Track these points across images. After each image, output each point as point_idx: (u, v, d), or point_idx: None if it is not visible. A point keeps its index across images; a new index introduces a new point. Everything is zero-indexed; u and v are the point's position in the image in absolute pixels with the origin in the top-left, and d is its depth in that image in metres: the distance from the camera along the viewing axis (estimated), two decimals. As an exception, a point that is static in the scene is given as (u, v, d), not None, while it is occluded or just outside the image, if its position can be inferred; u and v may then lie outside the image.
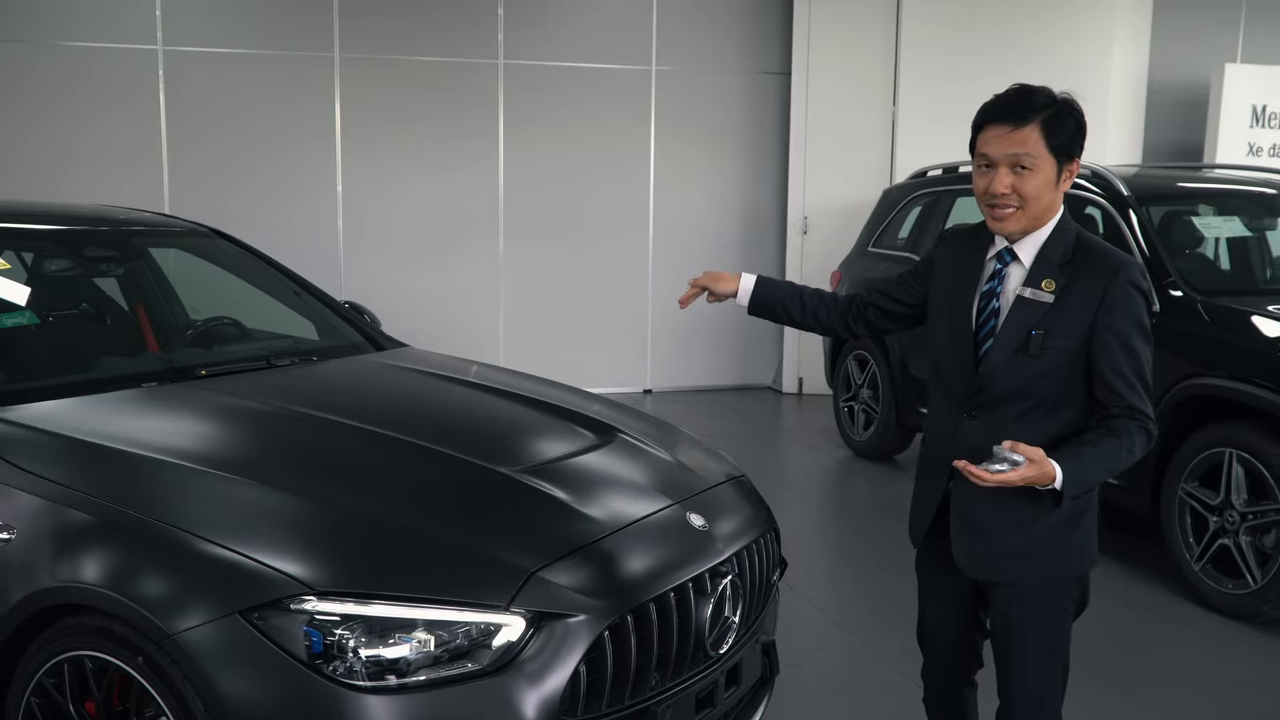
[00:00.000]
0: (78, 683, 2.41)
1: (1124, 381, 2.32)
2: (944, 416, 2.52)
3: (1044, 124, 2.31)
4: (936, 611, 2.69)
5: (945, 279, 2.55)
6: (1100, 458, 2.29)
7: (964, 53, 8.85)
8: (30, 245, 3.84)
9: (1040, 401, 2.37)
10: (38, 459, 2.63)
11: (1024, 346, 2.35)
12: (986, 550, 2.47)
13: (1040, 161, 2.32)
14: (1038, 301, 2.36)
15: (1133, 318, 2.33)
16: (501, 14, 8.52)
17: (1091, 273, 2.34)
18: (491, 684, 2.29)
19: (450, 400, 3.42)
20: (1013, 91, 2.37)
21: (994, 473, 2.22)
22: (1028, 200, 2.34)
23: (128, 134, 7.92)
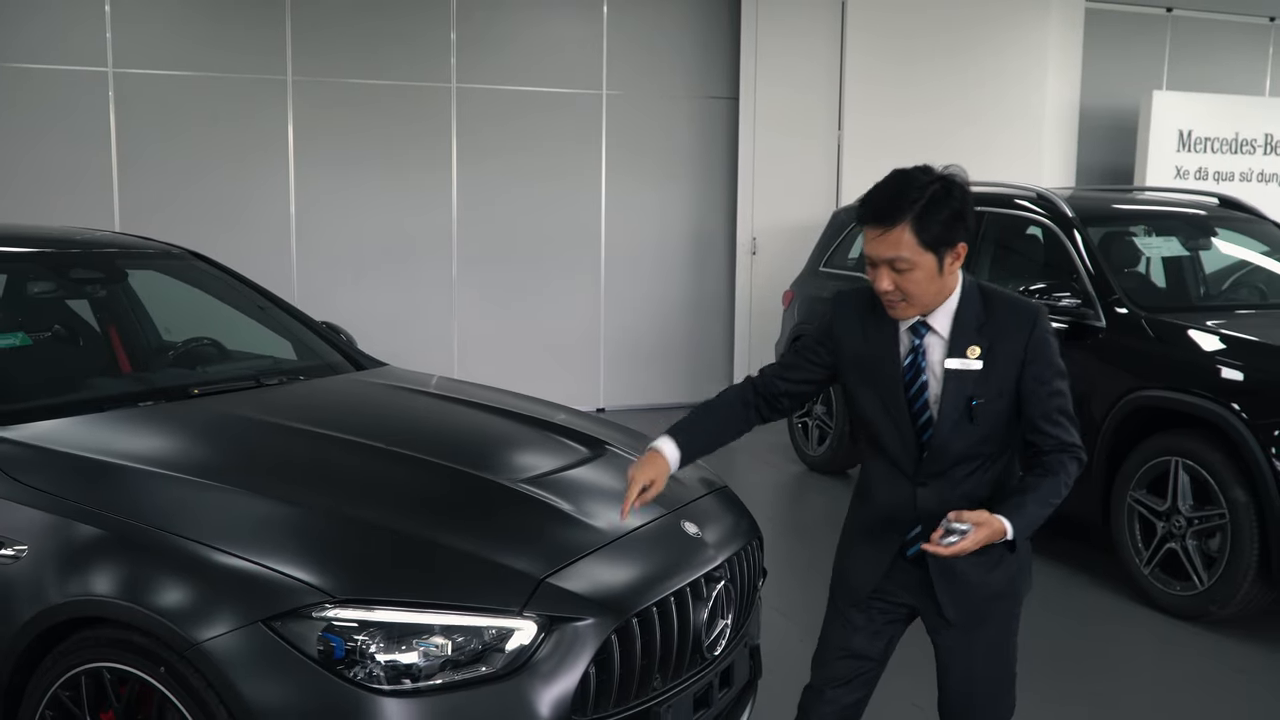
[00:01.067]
0: (95, 695, 2.44)
1: (1054, 424, 2.39)
2: (892, 485, 2.52)
3: (914, 223, 2.28)
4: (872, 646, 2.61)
5: (856, 349, 2.51)
6: (1040, 500, 2.36)
7: (906, 80, 9.11)
8: (8, 268, 3.84)
9: (986, 459, 2.44)
10: (46, 476, 2.66)
11: (966, 416, 2.39)
12: (972, 596, 2.50)
13: (916, 259, 2.30)
14: (968, 370, 2.38)
15: (1052, 363, 2.40)
16: (454, 38, 8.60)
17: (1009, 329, 2.38)
18: (507, 686, 2.37)
19: (443, 416, 3.50)
20: (885, 185, 2.34)
21: (950, 545, 2.28)
22: (911, 295, 2.35)
23: (78, 156, 7.84)
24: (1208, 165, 9.87)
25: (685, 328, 9.40)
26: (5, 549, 2.54)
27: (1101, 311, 5.15)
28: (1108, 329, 5.09)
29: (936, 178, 2.33)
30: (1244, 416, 4.40)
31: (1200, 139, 9.84)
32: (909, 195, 2.29)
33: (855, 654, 2.62)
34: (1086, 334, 5.18)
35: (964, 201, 2.33)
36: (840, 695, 2.65)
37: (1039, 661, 4.29)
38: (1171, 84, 10.43)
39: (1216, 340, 4.75)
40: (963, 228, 2.33)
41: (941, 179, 2.33)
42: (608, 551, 2.69)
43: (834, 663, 2.65)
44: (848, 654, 2.63)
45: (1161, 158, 9.65)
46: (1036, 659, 4.30)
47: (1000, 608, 2.54)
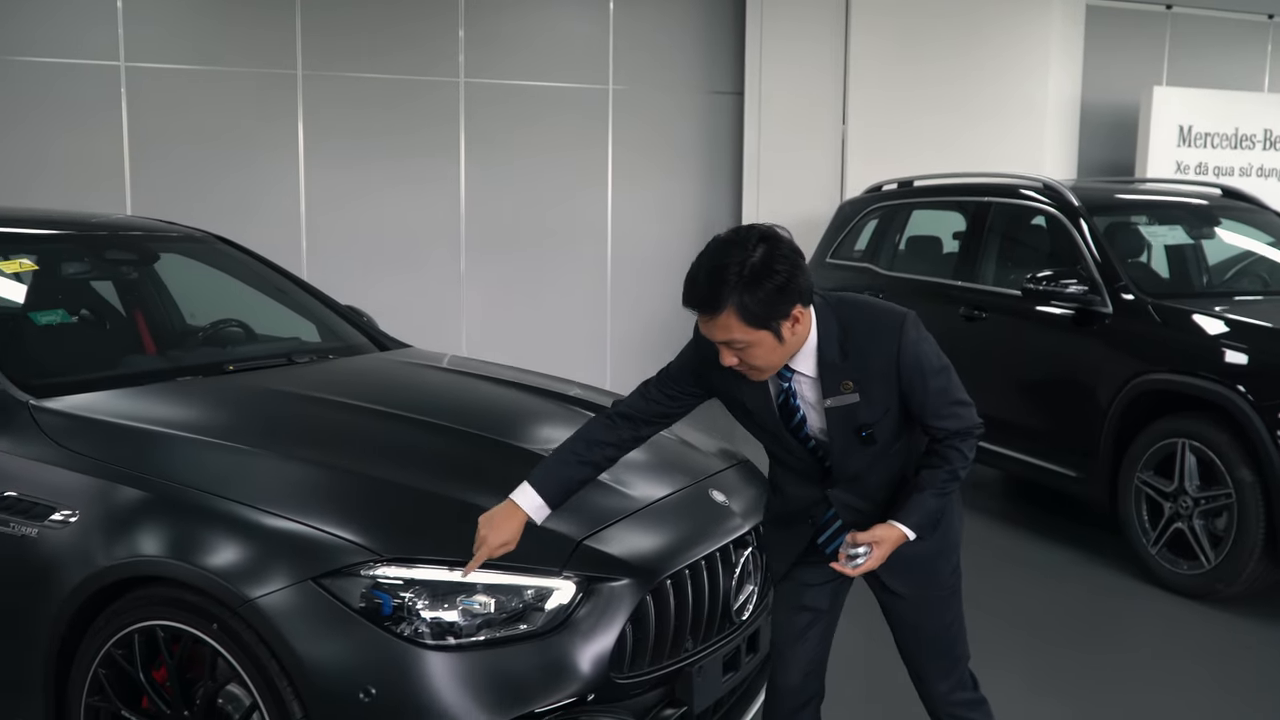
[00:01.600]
0: (147, 652, 2.51)
1: (941, 418, 2.39)
2: (802, 488, 2.54)
3: (737, 307, 2.18)
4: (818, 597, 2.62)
5: (727, 389, 2.47)
6: (937, 493, 2.40)
7: (910, 76, 9.20)
8: (33, 250, 3.90)
9: (886, 459, 2.45)
10: (95, 444, 2.74)
11: (858, 442, 2.40)
12: (911, 565, 2.51)
13: (750, 338, 2.23)
14: (846, 405, 2.36)
15: (927, 366, 2.36)
16: (462, 34, 8.68)
17: (875, 352, 2.34)
18: (547, 643, 2.45)
19: (473, 391, 3.58)
20: (703, 263, 2.22)
21: (858, 566, 2.36)
22: (759, 366, 2.30)
23: (90, 150, 7.91)
24: (1208, 160, 9.97)
25: (691, 319, 9.44)
26: (57, 514, 2.61)
27: (1108, 298, 5.23)
28: (1114, 315, 5.18)
29: (757, 242, 2.18)
30: (1250, 399, 4.49)
31: (1200, 134, 9.93)
32: (727, 279, 2.17)
33: (804, 606, 2.62)
34: (1093, 320, 5.26)
35: (790, 270, 2.19)
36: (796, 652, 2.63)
37: (1048, 638, 4.39)
38: (1171, 80, 10.53)
39: (1222, 325, 4.83)
40: (792, 296, 2.21)
41: (762, 242, 2.19)
42: (640, 517, 2.77)
43: (787, 617, 2.64)
44: (798, 606, 2.62)
45: (1162, 153, 9.75)
46: (1045, 636, 4.40)
47: (941, 565, 2.57)
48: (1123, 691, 3.92)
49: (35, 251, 3.77)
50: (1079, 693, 3.89)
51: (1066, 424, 5.42)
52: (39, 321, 3.28)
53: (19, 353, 3.18)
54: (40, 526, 2.63)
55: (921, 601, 2.56)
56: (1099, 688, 3.94)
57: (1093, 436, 5.16)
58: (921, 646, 2.60)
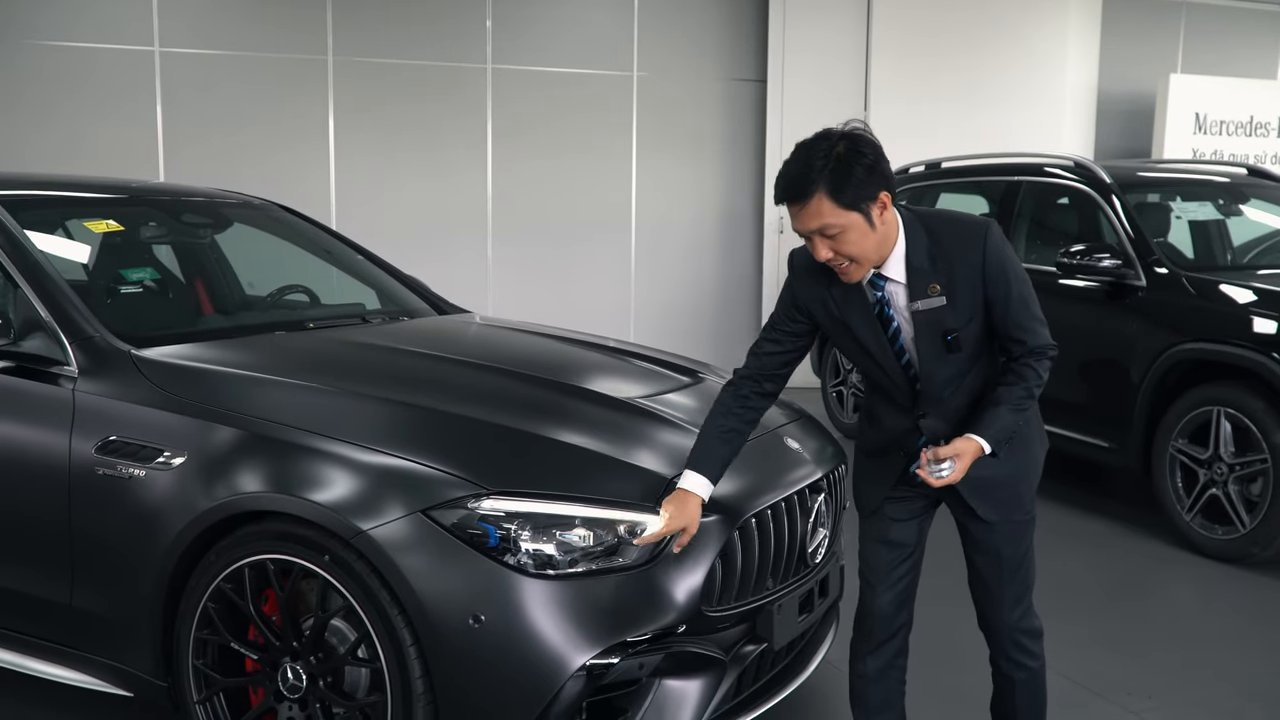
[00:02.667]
0: (257, 586, 2.62)
1: (1023, 329, 2.48)
2: (895, 417, 2.61)
3: (828, 190, 2.30)
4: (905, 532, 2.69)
5: (828, 314, 2.55)
6: (1013, 408, 2.47)
7: (930, 65, 9.32)
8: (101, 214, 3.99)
9: (972, 375, 2.54)
10: (201, 390, 2.84)
11: (944, 348, 2.47)
12: (1002, 493, 2.61)
13: (842, 222, 2.32)
14: (934, 308, 2.44)
15: (1011, 272, 2.45)
16: (490, 23, 8.78)
17: (962, 257, 2.43)
18: (643, 575, 2.56)
19: (549, 347, 3.69)
20: (792, 161, 2.35)
21: (943, 478, 2.43)
22: (853, 256, 2.38)
23: (125, 135, 8.01)
24: (1223, 148, 10.08)
25: (714, 304, 9.59)
26: (167, 455, 2.72)
27: (1142, 271, 5.34)
28: (1148, 288, 5.28)
29: (840, 138, 2.33)
30: (1285, 365, 4.60)
31: (1215, 122, 10.04)
32: (814, 164, 2.30)
33: (890, 541, 2.69)
34: (1127, 293, 5.37)
35: (874, 154, 2.34)
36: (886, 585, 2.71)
37: (1088, 601, 4.49)
38: (1187, 68, 10.64)
39: (1256, 294, 4.94)
40: (879, 179, 2.34)
41: (845, 138, 2.33)
42: (725, 459, 2.87)
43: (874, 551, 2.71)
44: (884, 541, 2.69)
45: (1178, 140, 9.85)
46: (1085, 599, 4.51)
47: (1024, 490, 2.64)
48: (1163, 648, 4.03)
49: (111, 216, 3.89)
50: (1121, 648, 3.99)
51: (1101, 396, 5.52)
52: (130, 278, 3.38)
53: (113, 308, 3.28)
54: (148, 468, 2.73)
55: (1005, 527, 2.65)
56: (1140, 644, 4.05)
57: (1127, 407, 5.27)
58: (1001, 573, 2.68)
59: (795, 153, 2.36)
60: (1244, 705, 3.56)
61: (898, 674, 2.79)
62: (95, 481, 2.80)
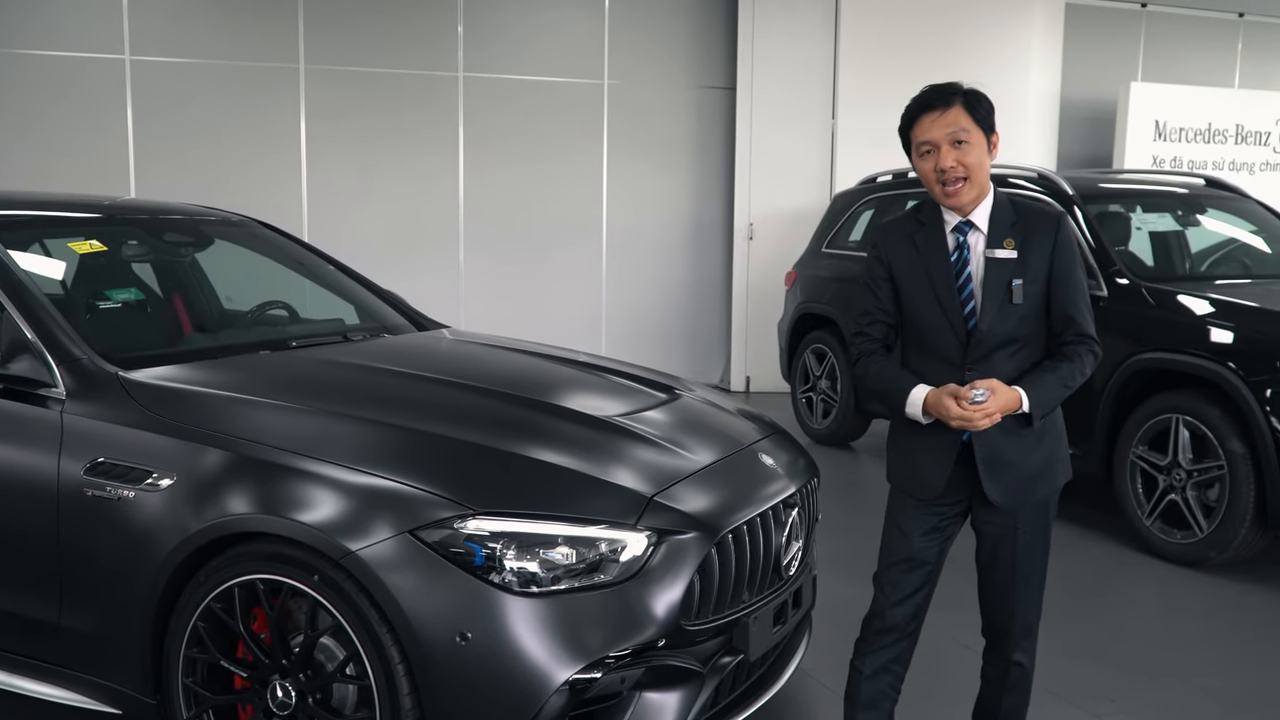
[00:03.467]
0: (246, 606, 2.68)
1: (1078, 311, 2.70)
2: (939, 378, 2.71)
3: (965, 103, 2.68)
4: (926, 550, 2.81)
5: (910, 263, 2.78)
6: (1058, 380, 2.67)
7: (897, 72, 9.41)
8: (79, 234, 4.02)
9: (1023, 343, 2.71)
10: (189, 412, 2.89)
11: (1008, 297, 2.67)
12: (1015, 479, 2.74)
13: (973, 134, 2.67)
14: (1006, 259, 2.70)
15: (1076, 258, 2.74)
16: (461, 30, 8.83)
17: (1037, 227, 2.72)
18: (624, 590, 2.64)
19: (527, 364, 3.76)
20: (930, 87, 2.74)
21: (978, 404, 2.56)
22: (972, 170, 2.67)
23: (95, 143, 8.01)
24: (1182, 155, 10.29)
25: (685, 310, 9.69)
26: (156, 477, 2.77)
27: (1103, 282, 5.48)
28: (1110, 298, 5.42)
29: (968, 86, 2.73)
30: (1240, 374, 4.75)
31: (1175, 129, 10.25)
32: (954, 86, 2.71)
33: (911, 559, 2.81)
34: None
35: (991, 104, 2.74)
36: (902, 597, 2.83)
37: (1048, 608, 4.60)
38: (1147, 76, 10.85)
39: (1213, 305, 5.09)
40: (992, 120, 2.72)
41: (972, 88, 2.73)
42: (701, 477, 2.96)
43: (895, 566, 2.83)
44: (906, 559, 2.81)
45: (1139, 147, 10.05)
46: (1045, 606, 4.62)
47: (1038, 492, 2.78)
48: (1124, 651, 4.16)
49: (94, 236, 3.92)
50: (1083, 652, 4.11)
51: (1064, 403, 5.64)
52: (114, 299, 3.42)
53: (98, 329, 3.32)
54: (137, 489, 2.78)
55: (1015, 527, 2.77)
56: (1101, 647, 4.18)
57: (1089, 414, 5.41)
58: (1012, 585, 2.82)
59: (931, 86, 2.73)
60: (1204, 706, 3.69)
61: (892, 679, 2.90)
62: (84, 503, 2.85)
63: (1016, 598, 2.85)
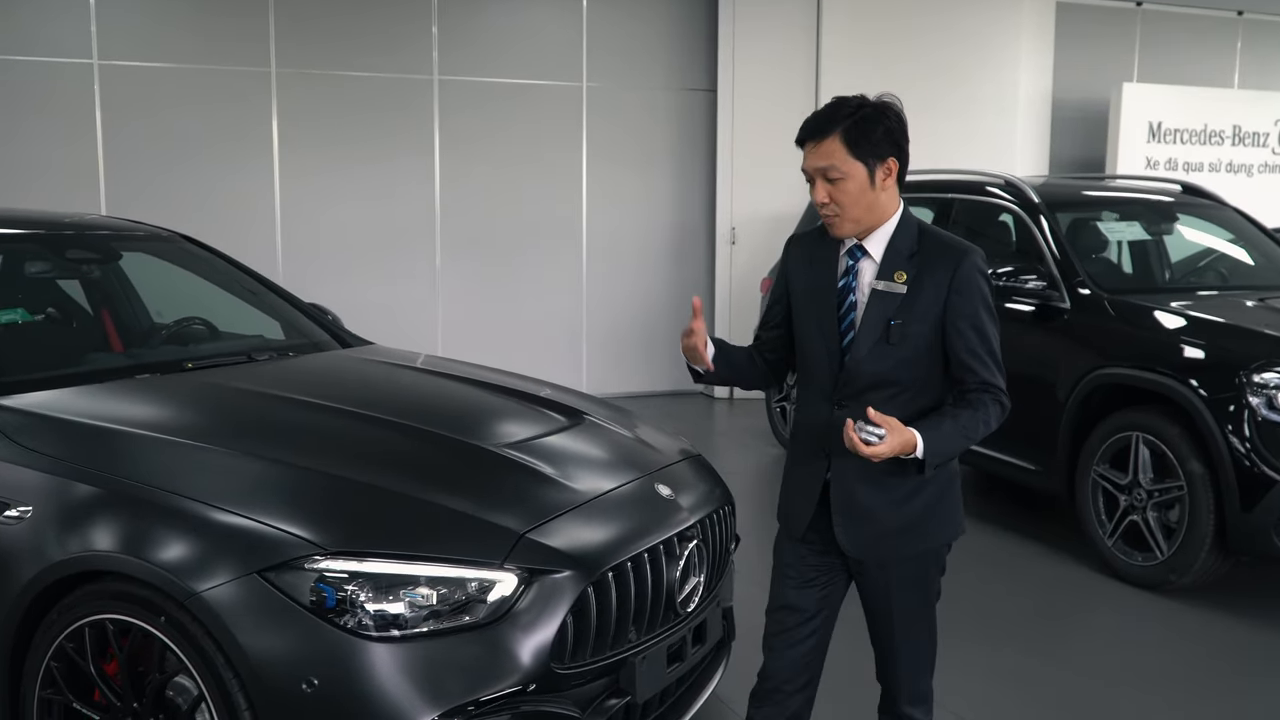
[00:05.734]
0: (98, 646, 2.57)
1: (978, 360, 2.45)
2: (814, 408, 2.59)
3: (845, 135, 2.41)
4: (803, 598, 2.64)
5: (803, 279, 2.62)
6: (958, 429, 2.42)
7: (881, 73, 9.24)
8: (4, 248, 3.94)
9: (902, 387, 2.48)
10: (49, 441, 2.79)
11: (885, 336, 2.46)
12: (871, 531, 2.54)
13: (847, 169, 2.42)
14: (891, 293, 2.47)
15: (980, 299, 2.46)
16: (436, 31, 8.72)
17: (938, 262, 2.46)
18: (489, 634, 2.51)
19: (428, 387, 3.65)
20: (822, 108, 2.49)
21: (870, 444, 2.29)
22: (844, 207, 2.45)
23: (65, 148, 7.93)
24: (1177, 156, 10.07)
25: (667, 315, 9.54)
26: (11, 510, 2.66)
27: (1066, 293, 5.31)
28: (1072, 310, 5.26)
29: (870, 102, 2.45)
30: (1201, 392, 4.58)
31: (1170, 130, 10.03)
32: (842, 111, 2.44)
33: (789, 606, 2.65)
34: (1052, 315, 5.34)
35: (897, 123, 2.46)
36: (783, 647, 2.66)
37: (1005, 631, 4.46)
38: (1142, 76, 10.63)
39: (1175, 319, 4.92)
40: (892, 145, 2.45)
41: (875, 104, 2.45)
42: (584, 510, 2.83)
43: (775, 614, 2.69)
44: (783, 606, 2.66)
45: (1132, 149, 9.84)
46: (1002, 629, 4.48)
47: (905, 549, 2.56)
48: (1071, 685, 4.00)
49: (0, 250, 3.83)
50: (1027, 686, 3.96)
51: (1026, 418, 5.45)
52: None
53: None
54: (-5, 523, 2.68)
55: (888, 582, 2.58)
56: (1048, 681, 4.02)
57: (1051, 430, 5.24)
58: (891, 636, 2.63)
59: (829, 102, 2.50)
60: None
61: None
62: (-56, 535, 2.74)
63: (899, 657, 2.66)
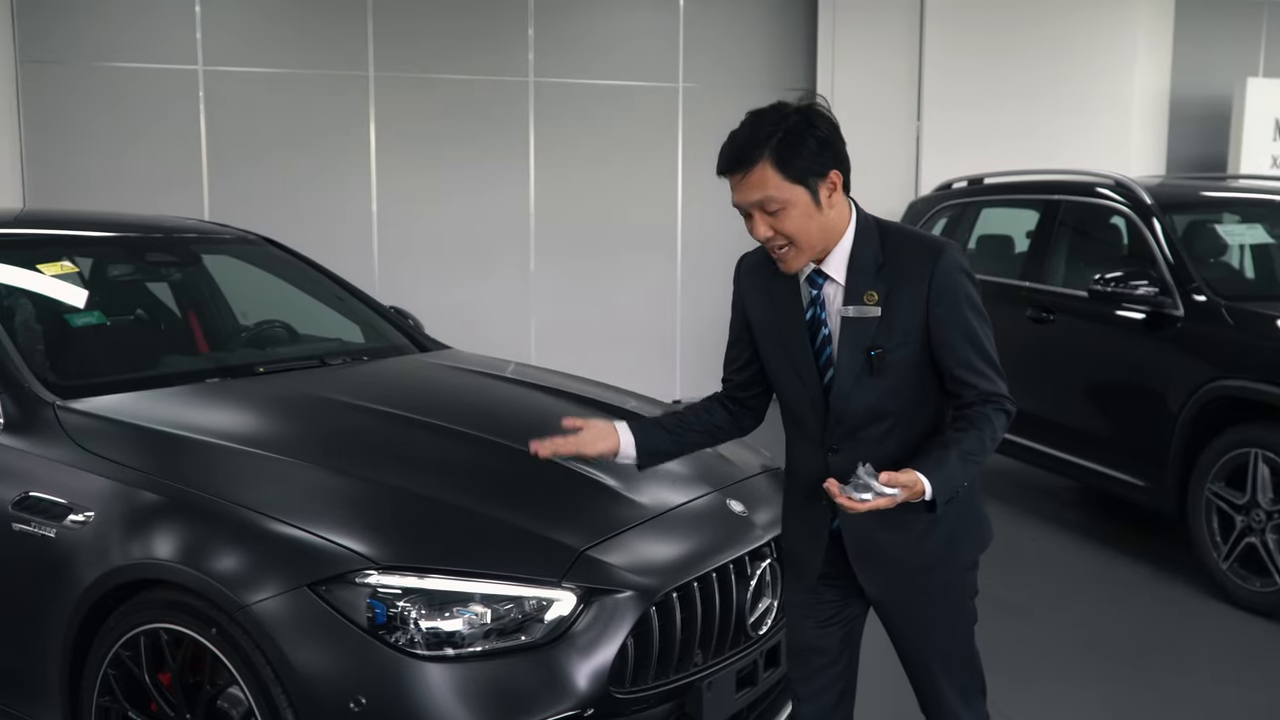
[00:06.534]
0: (153, 655, 2.54)
1: (973, 371, 2.18)
2: (806, 456, 2.33)
3: (774, 158, 2.10)
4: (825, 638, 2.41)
5: (763, 313, 2.33)
6: (964, 456, 2.14)
7: (987, 70, 8.98)
8: (90, 251, 3.99)
9: (897, 418, 2.23)
10: (115, 446, 2.77)
11: (867, 368, 2.18)
12: (897, 571, 2.31)
13: (786, 196, 2.11)
14: (865, 318, 2.18)
15: (964, 301, 2.18)
16: (532, 34, 8.69)
17: (910, 269, 2.17)
18: (545, 656, 2.41)
19: (498, 395, 3.56)
20: (739, 130, 2.16)
21: (863, 501, 2.03)
22: (794, 236, 2.15)
23: (169, 153, 8.10)
24: (1307, 155, 9.53)
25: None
26: (75, 515, 2.65)
27: (1180, 300, 5.00)
28: (1186, 317, 4.95)
29: (794, 110, 2.13)
30: (1328, 407, 4.26)
31: (1298, 128, 9.50)
32: (764, 132, 2.11)
33: (813, 648, 2.42)
34: (1164, 323, 5.04)
35: (829, 129, 2.14)
36: (812, 695, 2.44)
37: (1109, 659, 4.21)
38: (1268, 71, 10.08)
39: (1300, 329, 4.59)
40: (831, 155, 2.13)
41: (800, 110, 2.13)
42: (651, 526, 2.72)
43: (798, 656, 2.46)
44: (807, 648, 2.44)
45: (1257, 147, 9.34)
46: (1106, 656, 4.22)
47: (936, 579, 2.32)
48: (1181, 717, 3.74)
49: (86, 254, 3.87)
50: (1135, 717, 3.72)
51: (1135, 431, 5.20)
52: (75, 323, 3.34)
53: (54, 354, 3.24)
54: (59, 527, 2.67)
55: (918, 615, 2.34)
56: (1156, 713, 3.76)
57: (1162, 445, 4.94)
58: (930, 668, 2.40)
59: (745, 120, 2.17)
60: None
61: None
62: (12, 537, 2.75)
63: (944, 694, 2.38)
